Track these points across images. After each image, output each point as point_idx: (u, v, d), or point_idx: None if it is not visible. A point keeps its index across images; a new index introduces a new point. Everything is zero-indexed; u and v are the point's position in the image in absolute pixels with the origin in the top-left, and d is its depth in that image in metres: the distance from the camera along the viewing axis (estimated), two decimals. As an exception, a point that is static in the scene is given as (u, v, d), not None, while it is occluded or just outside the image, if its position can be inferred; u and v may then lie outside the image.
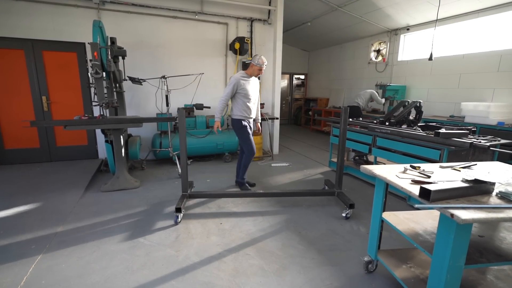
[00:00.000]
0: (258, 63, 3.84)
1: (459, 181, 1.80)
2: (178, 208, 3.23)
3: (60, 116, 5.42)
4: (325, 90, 10.68)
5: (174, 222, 3.23)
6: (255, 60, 3.85)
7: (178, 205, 3.26)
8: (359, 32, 8.17)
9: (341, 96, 9.64)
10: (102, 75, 3.76)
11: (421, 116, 4.29)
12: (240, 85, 3.86)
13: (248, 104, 3.95)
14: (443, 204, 1.51)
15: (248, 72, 3.95)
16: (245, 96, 3.91)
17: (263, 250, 2.75)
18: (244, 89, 3.88)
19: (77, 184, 4.33)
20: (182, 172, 3.50)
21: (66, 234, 2.97)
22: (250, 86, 3.95)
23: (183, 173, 3.50)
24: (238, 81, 3.85)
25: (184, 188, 3.56)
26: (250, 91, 3.92)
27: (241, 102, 3.93)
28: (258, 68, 3.86)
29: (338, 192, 3.76)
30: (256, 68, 3.88)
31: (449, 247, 1.55)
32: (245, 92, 3.89)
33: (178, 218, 3.24)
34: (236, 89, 3.87)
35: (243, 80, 3.89)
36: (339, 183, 3.82)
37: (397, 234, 2.99)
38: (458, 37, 6.11)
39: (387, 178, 1.93)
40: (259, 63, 3.84)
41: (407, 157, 3.75)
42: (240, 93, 3.89)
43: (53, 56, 5.23)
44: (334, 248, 2.81)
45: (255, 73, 3.94)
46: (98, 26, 3.94)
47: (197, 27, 6.03)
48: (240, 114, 3.97)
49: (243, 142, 4.11)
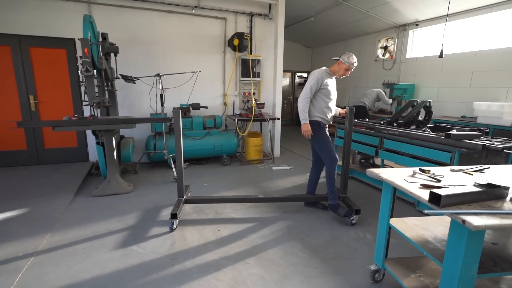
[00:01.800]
0: (347, 61, 3.45)
1: (471, 185, 1.81)
2: (174, 214, 3.23)
3: (48, 116, 5.43)
4: (329, 88, 10.68)
5: (169, 229, 3.23)
6: (344, 57, 3.47)
7: (174, 211, 3.26)
8: (365, 27, 8.20)
9: (346, 96, 9.67)
10: (93, 73, 3.76)
11: (431, 117, 4.30)
12: (324, 82, 3.49)
13: (329, 105, 3.57)
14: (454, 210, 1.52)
15: (333, 69, 3.58)
16: (327, 95, 3.52)
17: (264, 258, 2.75)
18: (327, 87, 3.50)
19: (66, 188, 4.33)
20: (178, 176, 3.51)
21: (54, 241, 2.97)
22: (332, 86, 3.59)
23: (179, 176, 3.51)
24: (322, 77, 3.48)
25: (180, 192, 3.57)
26: (332, 91, 3.55)
27: (322, 101, 3.53)
28: (346, 67, 3.48)
29: (344, 196, 3.77)
30: (343, 66, 3.48)
31: (460, 255, 1.55)
32: (327, 90, 3.51)
33: (173, 225, 3.24)
34: (320, 85, 3.48)
35: (326, 76, 3.54)
36: (344, 188, 3.82)
37: (405, 242, 3.00)
38: (470, 33, 6.13)
39: (395, 182, 1.94)
40: (349, 62, 3.44)
41: (416, 160, 3.75)
42: (322, 91, 3.50)
43: (41, 53, 5.24)
44: (338, 256, 2.81)
45: (340, 73, 3.53)
46: (89, 21, 3.95)
47: (194, 22, 6.05)
48: (318, 115, 3.54)
49: (322, 149, 3.60)
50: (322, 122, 3.55)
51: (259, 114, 6.05)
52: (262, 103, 6.12)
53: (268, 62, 6.73)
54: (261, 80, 6.69)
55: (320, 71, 3.52)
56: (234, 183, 4.84)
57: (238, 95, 6.61)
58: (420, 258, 2.35)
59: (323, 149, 3.58)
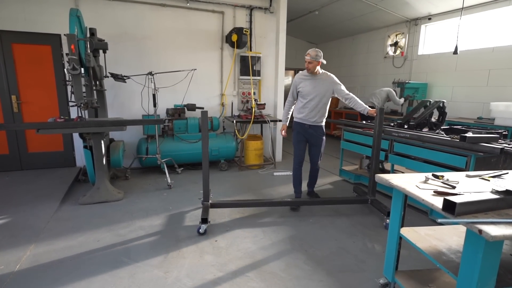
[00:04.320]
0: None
1: (488, 192, 1.81)
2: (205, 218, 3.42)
3: (32, 118, 5.44)
4: (335, 88, 10.70)
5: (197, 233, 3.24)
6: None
7: (204, 215, 3.45)
8: (374, 22, 8.25)
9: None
10: (80, 71, 3.77)
11: (445, 118, 4.31)
12: (298, 85, 4.12)
13: (306, 104, 4.09)
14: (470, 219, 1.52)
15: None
16: (303, 96, 4.11)
17: (264, 271, 2.76)
18: (300, 89, 4.11)
19: (51, 195, 4.34)
20: (204, 177, 3.62)
21: (39, 253, 2.97)
22: (309, 86, 4.05)
23: (204, 177, 3.62)
24: (295, 81, 4.16)
25: (205, 197, 3.71)
26: (306, 91, 4.06)
27: (299, 102, 4.19)
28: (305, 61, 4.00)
29: (372, 199, 3.99)
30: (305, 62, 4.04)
31: (477, 267, 1.56)
32: (301, 92, 4.11)
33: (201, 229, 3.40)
34: (295, 89, 4.15)
35: (301, 79, 4.11)
36: (372, 190, 4.03)
37: (417, 253, 2.99)
38: (487, 28, 6.16)
39: (406, 189, 1.95)
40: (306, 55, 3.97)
41: (429, 165, 3.76)
42: (299, 93, 4.16)
43: (24, 50, 5.26)
44: (345, 269, 2.82)
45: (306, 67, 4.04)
46: (76, 15, 3.97)
47: (189, 16, 6.08)
48: (295, 116, 4.26)
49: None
50: (298, 121, 4.20)
51: (260, 116, 6.06)
52: (262, 103, 6.14)
53: (269, 59, 6.76)
54: (262, 79, 6.72)
55: (297, 75, 4.20)
56: (232, 190, 4.84)
57: (236, 95, 6.63)
58: (433, 271, 2.35)
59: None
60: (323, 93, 4.03)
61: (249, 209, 4.07)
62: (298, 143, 4.23)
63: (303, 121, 4.13)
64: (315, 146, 4.24)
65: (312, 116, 4.07)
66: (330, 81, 4.07)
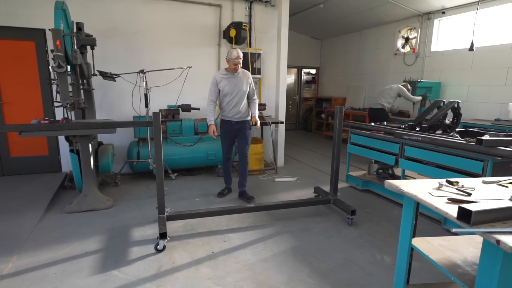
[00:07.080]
0: (230, 57, 4.31)
1: (507, 199, 1.82)
2: (163, 233, 3.27)
3: (14, 119, 5.45)
4: (341, 87, 10.79)
5: (155, 250, 3.25)
6: (228, 55, 4.36)
7: (162, 230, 3.28)
8: (383, 16, 8.28)
9: (361, 95, 9.71)
10: (66, 69, 3.76)
11: (460, 120, 4.33)
12: (219, 84, 4.50)
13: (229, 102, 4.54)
14: (487, 228, 1.53)
15: (227, 68, 4.49)
16: (224, 95, 4.54)
17: (265, 285, 2.76)
18: (221, 87, 4.50)
19: (35, 203, 4.34)
20: (158, 188, 3.54)
21: (22, 265, 2.97)
22: (230, 84, 4.48)
23: (159, 189, 3.54)
24: (215, 80, 4.51)
25: (160, 208, 3.60)
26: (228, 89, 4.48)
27: (223, 101, 4.62)
28: (233, 62, 4.33)
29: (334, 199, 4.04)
30: (230, 63, 4.37)
31: (494, 281, 1.56)
32: (222, 91, 4.52)
33: (159, 245, 3.26)
34: (216, 87, 4.52)
35: (221, 78, 4.50)
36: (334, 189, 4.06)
37: (430, 265, 2.99)
38: (506, 22, 6.18)
39: (418, 196, 1.95)
40: (231, 57, 4.30)
41: (443, 170, 3.77)
42: (221, 92, 4.54)
43: (5, 46, 5.28)
44: (352, 282, 2.82)
45: (232, 68, 4.41)
46: (61, 8, 3.98)
47: (183, 10, 6.11)
48: (222, 114, 4.71)
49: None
50: (225, 119, 4.65)
51: (260, 117, 6.05)
52: (263, 104, 6.15)
53: (270, 56, 6.79)
54: (262, 77, 6.75)
55: (216, 74, 4.59)
56: (230, 198, 4.86)
57: (235, 95, 6.64)
58: (447, 284, 2.35)
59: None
60: (244, 90, 4.55)
61: (248, 218, 4.08)
62: (225, 140, 4.73)
63: (230, 119, 4.61)
64: (242, 139, 4.73)
65: (236, 112, 4.56)
66: (247, 78, 4.61)
